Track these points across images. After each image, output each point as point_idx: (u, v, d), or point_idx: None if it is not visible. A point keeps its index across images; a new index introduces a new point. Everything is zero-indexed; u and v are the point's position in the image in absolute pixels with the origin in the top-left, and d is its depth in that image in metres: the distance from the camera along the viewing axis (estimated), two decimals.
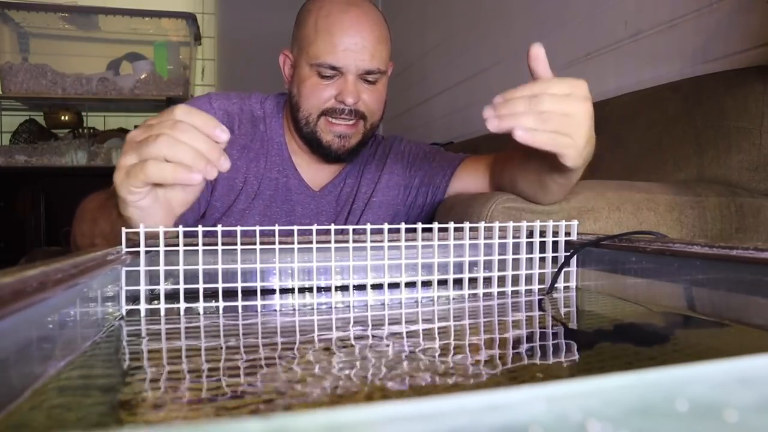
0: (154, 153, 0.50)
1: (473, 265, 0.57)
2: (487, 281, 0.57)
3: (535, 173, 0.73)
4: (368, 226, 0.52)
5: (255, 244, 0.50)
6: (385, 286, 0.53)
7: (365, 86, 0.86)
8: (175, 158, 0.50)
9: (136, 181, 0.52)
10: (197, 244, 0.48)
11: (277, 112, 0.95)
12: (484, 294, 0.55)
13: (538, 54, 0.62)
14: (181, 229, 0.49)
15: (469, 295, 0.55)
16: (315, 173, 0.95)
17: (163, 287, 0.48)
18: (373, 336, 0.41)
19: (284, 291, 0.54)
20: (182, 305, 0.48)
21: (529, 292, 0.57)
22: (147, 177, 0.51)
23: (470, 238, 0.55)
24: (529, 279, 0.58)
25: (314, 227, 0.51)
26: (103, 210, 0.68)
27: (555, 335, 0.42)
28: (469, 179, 0.92)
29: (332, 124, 0.86)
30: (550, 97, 0.57)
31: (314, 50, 0.83)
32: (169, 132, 0.50)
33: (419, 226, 0.54)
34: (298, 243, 0.52)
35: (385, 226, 0.53)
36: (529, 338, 0.41)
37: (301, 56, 0.86)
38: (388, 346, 0.38)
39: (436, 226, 0.54)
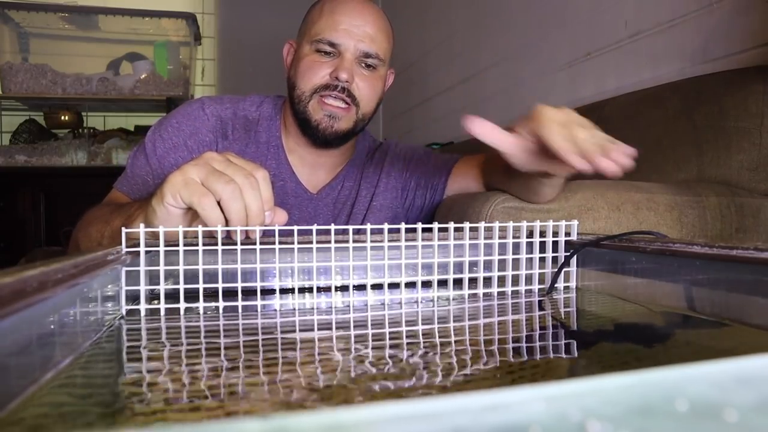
0: (218, 191, 0.52)
1: (473, 265, 0.57)
2: (487, 281, 0.57)
3: (523, 178, 0.72)
4: (368, 226, 0.52)
5: (255, 244, 0.50)
6: (385, 286, 0.53)
7: (362, 71, 0.86)
8: (225, 206, 0.52)
9: (186, 197, 0.53)
10: (197, 244, 0.49)
11: (274, 114, 0.94)
12: (484, 294, 0.55)
13: (483, 126, 0.61)
14: (181, 229, 0.49)
15: (469, 295, 0.55)
16: (312, 174, 0.94)
17: (163, 287, 0.48)
18: (373, 336, 0.41)
19: (284, 291, 0.54)
20: (182, 305, 0.48)
21: (529, 292, 0.57)
22: (197, 205, 0.52)
23: (470, 238, 0.55)
24: (529, 279, 0.58)
25: (314, 227, 0.51)
26: (119, 212, 0.68)
27: (555, 335, 0.42)
28: (464, 179, 0.92)
29: (324, 103, 0.85)
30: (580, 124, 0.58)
31: (316, 29, 0.85)
32: (240, 182, 0.52)
33: (419, 226, 0.54)
34: (298, 243, 0.52)
35: (385, 226, 0.53)
36: (529, 338, 0.41)
37: (303, 38, 0.88)
38: (388, 346, 0.38)
39: (436, 226, 0.54)
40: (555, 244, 0.58)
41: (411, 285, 0.56)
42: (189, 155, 0.85)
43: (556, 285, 0.57)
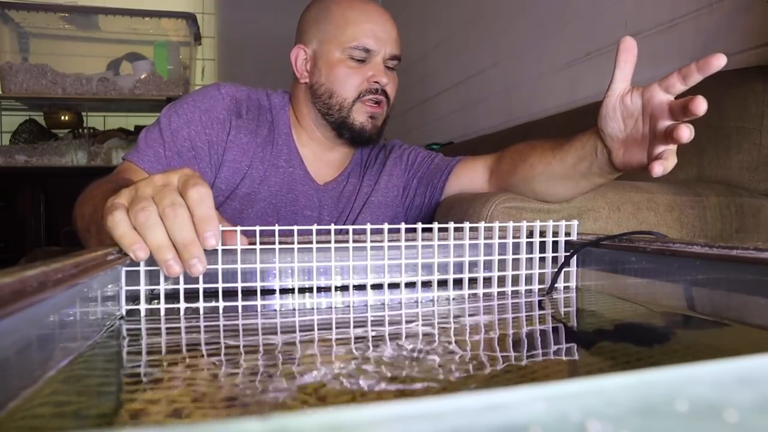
0: (135, 219, 0.44)
1: (473, 265, 0.57)
2: (487, 281, 0.57)
3: (571, 169, 0.74)
4: (368, 226, 0.52)
5: (255, 244, 0.50)
6: (385, 286, 0.53)
7: (387, 72, 0.93)
8: (142, 236, 0.43)
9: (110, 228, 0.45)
10: None
11: (284, 106, 0.98)
12: (484, 294, 0.55)
13: (630, 46, 0.64)
14: None
15: (469, 295, 0.55)
16: (320, 168, 0.97)
17: (163, 287, 0.48)
18: (373, 336, 0.41)
19: (284, 291, 0.54)
20: (182, 305, 0.48)
21: (529, 292, 0.57)
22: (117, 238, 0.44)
23: (470, 238, 0.55)
24: (529, 279, 0.58)
25: (314, 227, 0.51)
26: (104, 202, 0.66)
27: (555, 335, 0.42)
28: (465, 178, 0.93)
29: (367, 106, 0.91)
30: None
31: (348, 36, 0.89)
32: (163, 208, 0.43)
33: (419, 226, 0.54)
34: (298, 243, 0.52)
35: (385, 226, 0.53)
36: (529, 338, 0.41)
37: (329, 46, 0.91)
38: (387, 346, 0.38)
39: (436, 226, 0.54)
40: (555, 244, 0.58)
41: (411, 285, 0.56)
42: (202, 129, 0.88)
43: (556, 285, 0.57)
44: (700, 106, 0.55)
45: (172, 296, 0.50)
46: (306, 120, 0.96)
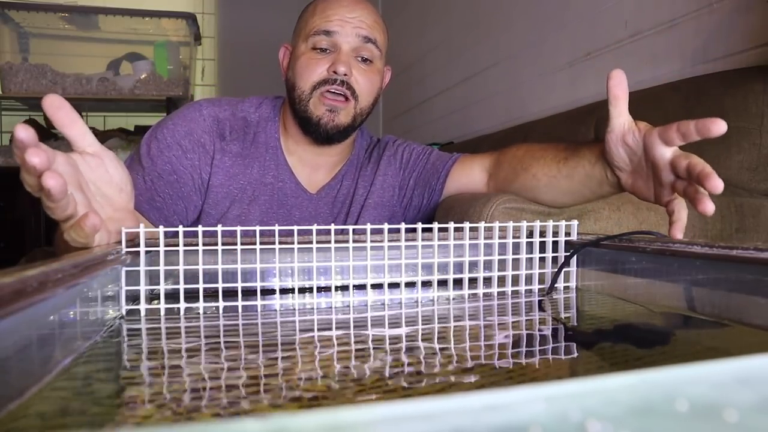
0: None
1: (473, 265, 0.57)
2: (487, 281, 0.57)
3: (579, 185, 0.74)
4: (368, 226, 0.52)
5: (255, 244, 0.50)
6: (385, 286, 0.53)
7: (359, 65, 0.87)
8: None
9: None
10: (197, 244, 0.49)
11: (273, 116, 0.94)
12: (484, 294, 0.55)
13: (618, 81, 0.67)
14: (181, 229, 0.49)
15: (469, 295, 0.55)
16: (311, 175, 0.94)
17: (163, 287, 0.48)
18: (373, 336, 0.41)
19: (284, 291, 0.54)
20: (182, 305, 0.48)
21: (529, 292, 0.57)
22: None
23: (470, 238, 0.55)
24: (529, 279, 0.58)
25: (314, 227, 0.51)
26: None
27: (555, 335, 0.42)
28: (464, 178, 0.92)
29: (324, 98, 0.85)
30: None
31: (311, 25, 0.86)
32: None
33: (419, 226, 0.54)
34: (298, 243, 0.52)
35: (385, 226, 0.53)
36: (529, 338, 0.41)
37: (297, 39, 0.89)
38: (388, 346, 0.38)
39: (436, 226, 0.54)
40: (555, 244, 0.58)
41: (411, 285, 0.56)
42: (183, 154, 0.85)
43: (556, 285, 0.57)
44: (716, 186, 0.55)
45: (172, 296, 0.50)
46: (289, 120, 0.92)
